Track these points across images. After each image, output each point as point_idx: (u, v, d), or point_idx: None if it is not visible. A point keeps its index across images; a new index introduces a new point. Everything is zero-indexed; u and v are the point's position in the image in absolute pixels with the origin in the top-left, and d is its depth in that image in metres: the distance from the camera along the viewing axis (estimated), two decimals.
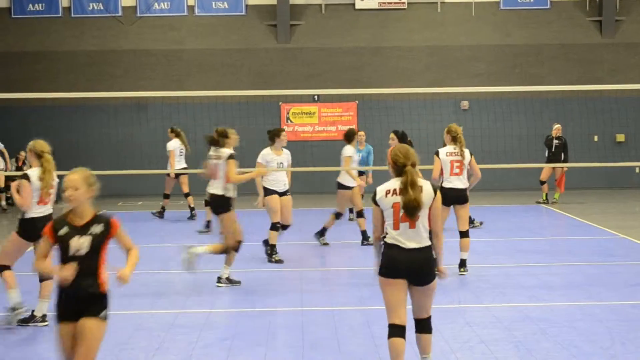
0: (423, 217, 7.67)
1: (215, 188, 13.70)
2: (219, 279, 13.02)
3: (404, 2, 27.29)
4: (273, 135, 15.78)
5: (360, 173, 18.26)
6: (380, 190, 7.69)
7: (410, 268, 7.67)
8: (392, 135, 13.44)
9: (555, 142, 23.37)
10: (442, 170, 13.47)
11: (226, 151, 13.84)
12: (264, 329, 10.47)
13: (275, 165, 15.50)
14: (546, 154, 23.73)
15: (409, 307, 7.88)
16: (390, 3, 27.29)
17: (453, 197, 13.40)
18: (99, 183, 7.37)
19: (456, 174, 13.43)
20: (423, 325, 7.93)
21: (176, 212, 21.94)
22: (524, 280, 13.37)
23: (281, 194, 15.55)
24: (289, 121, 26.72)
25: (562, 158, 22.68)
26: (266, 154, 15.70)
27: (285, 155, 15.73)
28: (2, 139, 25.76)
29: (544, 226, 19.47)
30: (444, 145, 13.77)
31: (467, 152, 13.52)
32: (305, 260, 15.21)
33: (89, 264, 7.07)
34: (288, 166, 15.62)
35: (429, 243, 7.75)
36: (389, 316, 7.78)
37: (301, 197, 22.19)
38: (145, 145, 21.19)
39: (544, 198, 23.61)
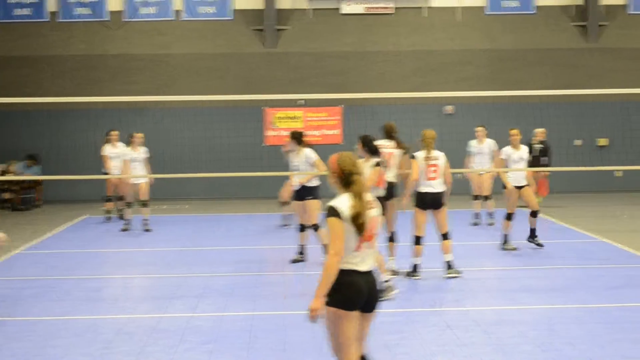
0: (377, 233, 7.16)
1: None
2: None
3: (390, 7, 27.33)
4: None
5: None
6: (345, 209, 6.82)
7: (367, 294, 6.94)
8: (358, 140, 13.16)
9: (537, 145, 23.42)
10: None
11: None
12: (245, 333, 10.48)
13: (292, 168, 15.34)
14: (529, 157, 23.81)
15: None
16: (377, 8, 27.33)
17: (429, 201, 13.49)
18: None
19: (432, 178, 13.49)
20: None
21: (156, 216, 21.90)
22: (504, 283, 13.44)
23: (299, 197, 15.24)
24: (274, 126, 26.72)
25: (545, 161, 22.78)
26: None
27: (303, 157, 15.11)
28: None
29: (525, 229, 19.44)
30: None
31: (441, 156, 13.59)
32: (287, 265, 15.20)
33: None
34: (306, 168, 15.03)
35: (375, 264, 7.17)
36: (344, 355, 6.96)
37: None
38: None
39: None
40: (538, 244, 16.35)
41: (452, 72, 27.09)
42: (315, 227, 14.73)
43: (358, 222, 6.77)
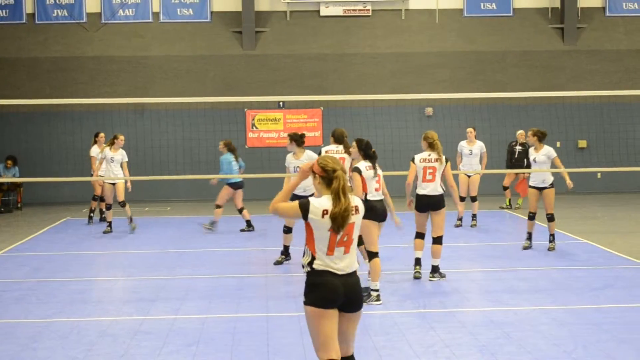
0: (356, 238, 7.14)
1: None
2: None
3: (368, 10, 27.37)
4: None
5: None
6: (317, 207, 6.90)
7: (345, 295, 6.97)
8: (353, 143, 13.04)
9: (518, 148, 23.56)
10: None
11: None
12: (229, 335, 10.48)
13: (292, 170, 15.26)
14: (508, 160, 23.94)
15: None
16: (355, 10, 27.36)
17: (426, 203, 13.45)
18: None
19: (429, 181, 13.40)
20: None
21: (138, 218, 21.84)
22: (488, 285, 13.47)
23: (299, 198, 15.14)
24: (254, 127, 26.72)
25: (525, 164, 22.86)
26: (286, 159, 15.56)
27: (305, 158, 14.97)
28: None
29: (508, 231, 19.56)
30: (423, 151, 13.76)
31: (444, 158, 13.49)
32: (271, 267, 15.20)
33: None
34: None
35: (357, 266, 7.15)
36: (322, 353, 6.98)
37: (266, 203, 22.16)
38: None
39: (507, 203, 23.79)
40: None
41: (431, 74, 27.15)
42: None
43: (334, 222, 6.84)
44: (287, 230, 15.20)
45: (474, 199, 20.23)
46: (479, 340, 10.08)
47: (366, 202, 12.33)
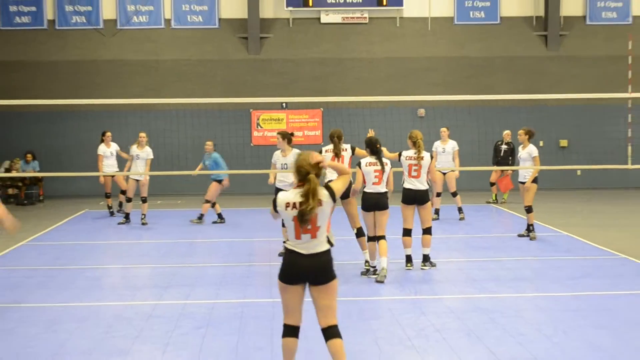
0: (323, 225, 7.40)
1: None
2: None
3: (365, 17, 27.38)
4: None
5: None
6: (281, 200, 7.35)
7: (309, 271, 7.38)
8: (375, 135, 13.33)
9: (504, 147, 23.63)
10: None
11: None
12: (236, 319, 10.51)
13: (279, 167, 15.22)
14: (494, 158, 23.99)
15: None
16: (353, 18, 27.37)
17: (412, 197, 13.50)
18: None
19: (414, 177, 13.46)
20: (333, 332, 7.50)
21: (150, 210, 21.86)
22: (475, 274, 13.48)
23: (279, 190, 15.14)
24: (259, 127, 26.76)
25: (510, 162, 22.98)
26: (274, 156, 15.41)
27: (291, 157, 14.96)
28: None
29: (494, 224, 19.59)
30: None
31: (426, 155, 13.56)
32: (275, 256, 15.21)
33: None
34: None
35: (327, 247, 7.45)
36: (285, 317, 7.56)
37: (269, 197, 22.20)
38: (123, 149, 21.14)
39: (494, 198, 23.81)
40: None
41: (423, 77, 27.16)
42: None
43: (301, 216, 7.23)
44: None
45: (454, 194, 20.27)
46: (466, 325, 10.12)
47: (363, 193, 12.95)
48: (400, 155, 13.67)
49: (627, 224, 19.37)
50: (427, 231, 13.72)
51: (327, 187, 7.46)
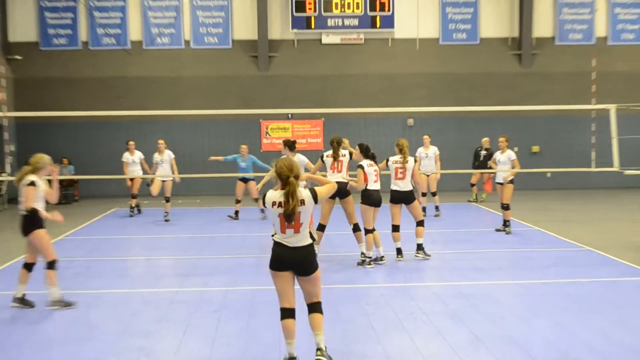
0: (305, 222, 7.67)
1: None
2: None
3: (361, 38, 27.41)
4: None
5: None
6: (269, 199, 7.62)
7: (294, 262, 7.69)
8: (357, 147, 13.49)
9: (483, 152, 23.65)
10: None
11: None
12: (248, 304, 10.56)
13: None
14: (474, 162, 24.02)
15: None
16: (350, 39, 27.40)
17: (399, 198, 13.58)
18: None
19: (400, 179, 13.58)
20: (314, 308, 7.85)
21: (172, 208, 21.90)
22: (458, 264, 13.51)
23: None
24: (267, 135, 26.80)
25: (489, 165, 23.01)
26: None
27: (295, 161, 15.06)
28: (30, 151, 25.61)
29: (474, 220, 19.61)
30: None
31: (411, 160, 13.67)
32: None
33: None
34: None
35: (309, 241, 7.73)
36: (280, 302, 7.81)
37: None
38: (149, 154, 21.19)
39: (474, 197, 23.86)
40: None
41: (412, 91, 27.20)
42: (322, 227, 14.37)
43: (286, 215, 7.51)
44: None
45: (434, 194, 20.53)
46: (450, 309, 10.16)
47: (365, 190, 13.09)
48: (387, 161, 13.77)
49: (590, 220, 19.40)
50: (420, 224, 13.83)
51: (312, 190, 7.73)
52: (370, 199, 13.20)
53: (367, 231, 13.30)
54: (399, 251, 13.82)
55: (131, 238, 17.45)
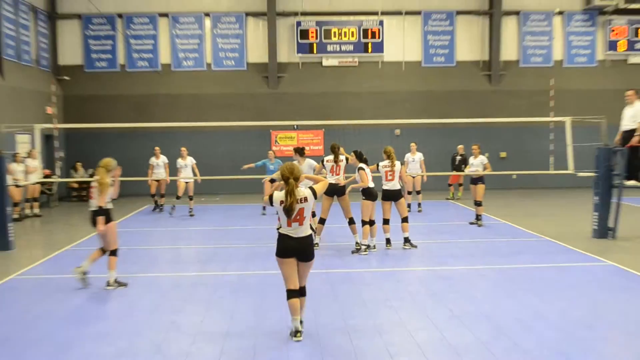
0: (307, 216, 7.88)
1: None
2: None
3: (356, 61, 27.42)
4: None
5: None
6: (276, 198, 7.80)
7: (298, 250, 7.86)
8: (352, 153, 13.62)
9: (458, 157, 23.71)
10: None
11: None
12: (261, 286, 10.61)
13: None
14: (451, 165, 24.10)
15: None
16: (346, 62, 27.41)
17: (389, 196, 13.65)
18: None
19: (389, 180, 13.65)
20: (302, 292, 8.06)
21: (196, 205, 21.90)
22: (438, 252, 13.54)
23: None
24: (276, 143, 26.82)
25: (463, 168, 23.04)
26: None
27: (305, 165, 14.93)
28: (76, 157, 25.73)
29: (451, 215, 19.62)
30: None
31: (398, 164, 13.76)
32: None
33: None
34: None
35: (310, 232, 7.96)
36: (286, 284, 7.96)
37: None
38: (172, 158, 21.22)
39: (451, 196, 23.89)
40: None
41: (399, 106, 27.19)
42: (313, 214, 14.61)
43: (286, 210, 7.72)
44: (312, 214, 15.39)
45: (418, 192, 20.70)
46: (431, 290, 10.21)
47: (367, 188, 13.30)
48: (377, 165, 13.86)
49: (549, 215, 19.41)
50: (404, 220, 13.89)
51: (311, 188, 7.99)
52: (371, 195, 13.35)
53: (367, 222, 13.37)
54: (388, 241, 13.88)
55: (160, 230, 17.47)
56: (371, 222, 13.45)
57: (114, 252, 10.80)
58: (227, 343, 7.83)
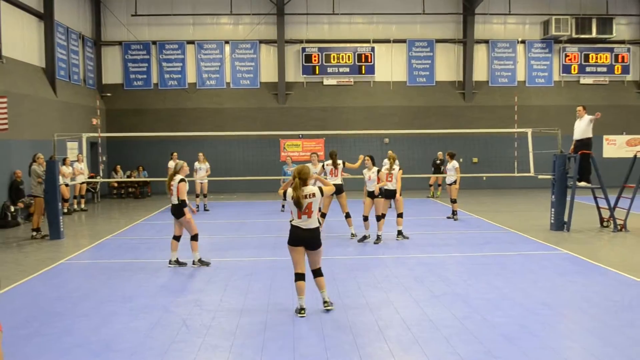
0: (315, 209, 7.85)
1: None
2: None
3: (351, 81, 27.40)
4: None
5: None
6: (288, 194, 7.83)
7: (306, 240, 7.83)
8: (367, 157, 13.61)
9: (437, 162, 23.69)
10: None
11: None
12: (271, 270, 10.59)
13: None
14: (431, 168, 24.10)
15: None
16: (343, 81, 27.39)
17: (388, 195, 13.66)
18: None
19: (389, 181, 13.62)
20: (317, 273, 7.98)
21: (216, 202, 21.82)
22: (419, 242, 13.51)
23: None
24: (284, 150, 26.80)
25: (441, 171, 23.05)
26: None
27: (319, 166, 14.81)
28: (116, 161, 25.73)
29: (430, 211, 19.58)
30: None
31: (396, 168, 13.72)
32: None
33: None
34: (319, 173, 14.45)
35: (317, 225, 7.91)
36: (295, 268, 7.94)
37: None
38: (191, 163, 21.22)
39: (431, 194, 23.86)
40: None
41: (387, 119, 27.15)
42: (323, 215, 14.25)
43: (295, 202, 7.74)
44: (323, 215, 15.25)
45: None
46: (414, 273, 10.19)
47: (385, 188, 13.47)
48: (378, 171, 13.73)
49: (514, 211, 19.38)
50: (400, 215, 13.91)
51: (319, 187, 8.00)
52: (387, 193, 13.49)
53: (380, 217, 13.33)
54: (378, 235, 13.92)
55: None
56: (383, 215, 13.43)
57: (194, 237, 10.99)
58: (242, 319, 7.80)
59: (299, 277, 7.94)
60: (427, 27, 27.83)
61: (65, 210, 18.97)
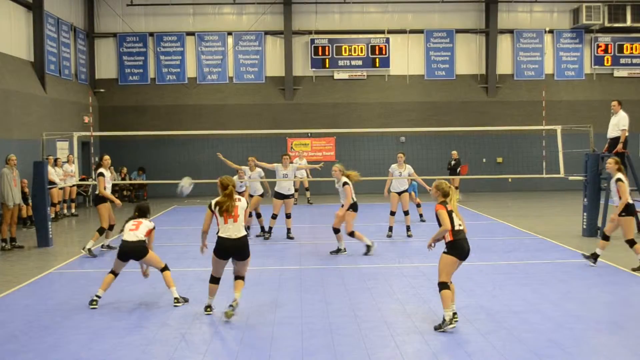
0: (240, 214, 8.35)
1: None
2: None
3: (364, 75, 27.37)
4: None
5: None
6: (212, 202, 8.38)
7: (236, 250, 8.38)
8: (400, 155, 14.52)
9: (452, 162, 23.65)
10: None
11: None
12: (277, 278, 10.60)
13: (280, 176, 15.49)
14: (447, 167, 24.09)
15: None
16: (356, 75, 27.37)
17: (398, 192, 14.26)
18: None
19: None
20: (241, 277, 8.58)
21: None
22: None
23: (285, 197, 15.23)
24: (292, 149, 26.77)
25: (458, 171, 23.03)
26: (277, 166, 15.62)
27: (291, 169, 15.45)
28: (114, 161, 25.77)
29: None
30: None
31: (408, 167, 14.22)
32: (302, 239, 15.25)
33: None
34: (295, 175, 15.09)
35: (245, 233, 8.41)
36: (213, 273, 8.60)
37: (302, 197, 22.14)
38: (202, 164, 21.21)
39: None
40: None
41: (403, 115, 27.11)
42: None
43: (219, 209, 8.34)
44: (273, 216, 15.36)
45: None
46: (433, 284, 10.05)
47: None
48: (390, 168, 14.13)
49: (542, 215, 19.27)
50: (406, 213, 14.88)
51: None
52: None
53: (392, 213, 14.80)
54: (390, 229, 14.90)
55: (186, 228, 17.46)
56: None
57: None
58: (245, 332, 7.74)
59: (215, 280, 8.60)
60: (446, 16, 27.76)
61: (53, 216, 18.97)
